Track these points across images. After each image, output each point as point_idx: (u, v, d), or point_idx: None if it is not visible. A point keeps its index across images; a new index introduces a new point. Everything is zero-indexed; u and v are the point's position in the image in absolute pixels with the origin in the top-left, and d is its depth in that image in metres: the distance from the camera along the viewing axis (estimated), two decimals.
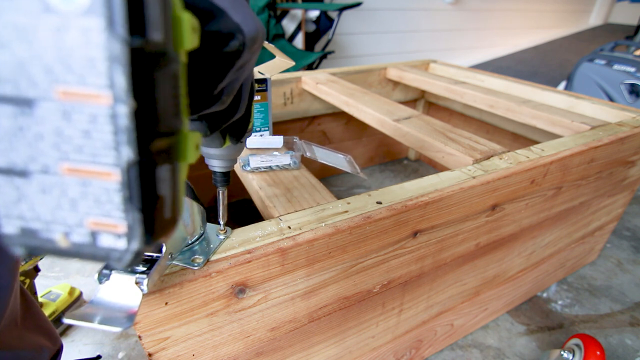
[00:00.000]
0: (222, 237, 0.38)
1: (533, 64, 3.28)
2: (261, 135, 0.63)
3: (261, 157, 0.56)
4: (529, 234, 0.67)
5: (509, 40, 3.60)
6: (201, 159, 0.35)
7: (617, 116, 0.76)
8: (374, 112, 0.77)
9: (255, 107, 0.61)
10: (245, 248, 0.37)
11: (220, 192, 0.37)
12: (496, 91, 0.96)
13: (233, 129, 0.29)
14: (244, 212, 1.18)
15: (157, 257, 0.31)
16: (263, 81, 0.59)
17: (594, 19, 4.75)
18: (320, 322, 0.48)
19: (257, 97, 0.60)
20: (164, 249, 0.31)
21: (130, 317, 0.27)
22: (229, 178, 0.36)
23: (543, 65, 3.24)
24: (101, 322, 0.26)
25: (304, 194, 0.48)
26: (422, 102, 1.43)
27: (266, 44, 0.57)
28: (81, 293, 0.83)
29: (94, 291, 0.86)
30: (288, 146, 0.60)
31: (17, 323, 0.44)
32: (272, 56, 0.60)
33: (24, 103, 0.13)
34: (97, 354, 0.63)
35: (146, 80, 0.13)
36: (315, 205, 0.45)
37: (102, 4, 0.11)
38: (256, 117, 0.62)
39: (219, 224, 0.38)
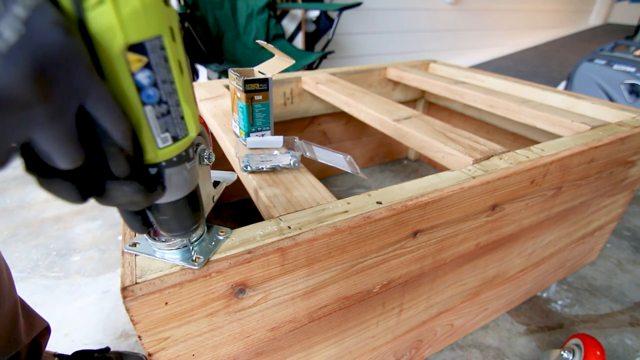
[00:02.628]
0: (222, 237, 0.38)
1: (533, 64, 3.29)
2: (262, 135, 0.64)
3: (261, 157, 0.56)
4: (529, 234, 0.67)
5: (509, 40, 3.61)
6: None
7: (617, 116, 0.76)
8: (374, 112, 0.77)
9: (256, 107, 0.61)
10: (245, 248, 0.37)
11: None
12: (496, 91, 0.96)
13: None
14: (244, 212, 1.18)
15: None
16: (264, 81, 0.59)
17: (594, 19, 4.76)
18: (320, 322, 0.48)
19: (258, 97, 0.60)
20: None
21: None
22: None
23: (543, 65, 3.25)
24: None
25: (304, 194, 0.48)
26: (422, 102, 1.43)
27: (266, 44, 0.57)
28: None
29: (91, 294, 0.86)
30: (288, 146, 0.60)
31: None
32: (272, 56, 0.60)
33: None
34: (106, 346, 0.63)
35: None
36: (315, 205, 0.45)
37: None
38: (257, 117, 0.62)
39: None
